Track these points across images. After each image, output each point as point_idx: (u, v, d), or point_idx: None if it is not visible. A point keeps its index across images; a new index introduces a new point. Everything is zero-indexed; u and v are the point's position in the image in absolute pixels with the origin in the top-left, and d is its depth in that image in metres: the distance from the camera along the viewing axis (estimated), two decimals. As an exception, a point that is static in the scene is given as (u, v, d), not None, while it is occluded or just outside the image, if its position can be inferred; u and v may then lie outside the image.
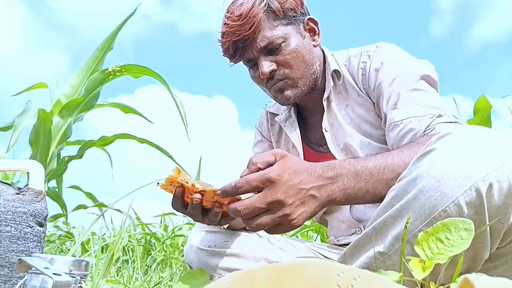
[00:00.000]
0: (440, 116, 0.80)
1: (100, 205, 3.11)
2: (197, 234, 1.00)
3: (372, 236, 0.65)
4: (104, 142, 2.96)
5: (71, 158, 2.90)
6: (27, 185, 0.86)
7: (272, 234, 0.66)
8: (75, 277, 0.58)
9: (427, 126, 0.79)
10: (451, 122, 0.79)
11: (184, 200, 0.70)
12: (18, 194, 0.82)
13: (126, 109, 2.93)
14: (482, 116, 1.92)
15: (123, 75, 2.71)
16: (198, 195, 0.67)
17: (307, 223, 3.00)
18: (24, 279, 0.57)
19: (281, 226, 0.64)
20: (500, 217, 0.56)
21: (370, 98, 0.95)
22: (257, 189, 0.62)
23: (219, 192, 0.64)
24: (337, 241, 1.07)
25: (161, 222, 3.60)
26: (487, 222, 0.56)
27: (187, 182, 0.67)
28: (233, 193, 0.62)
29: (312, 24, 0.99)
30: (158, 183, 0.69)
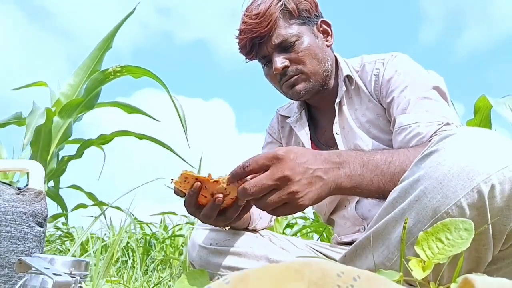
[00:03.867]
0: (448, 124, 0.81)
1: (100, 204, 3.11)
2: (200, 232, 1.00)
3: (375, 238, 0.64)
4: (103, 140, 2.95)
5: (70, 157, 2.90)
6: (27, 185, 0.86)
7: (279, 215, 0.66)
8: (75, 277, 0.58)
9: (435, 132, 0.80)
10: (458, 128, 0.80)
11: (198, 200, 0.69)
12: (18, 194, 0.82)
13: (129, 108, 2.90)
14: (482, 116, 1.92)
15: (124, 75, 2.70)
16: (220, 195, 0.66)
17: (307, 223, 3.00)
18: (24, 279, 0.57)
19: (288, 205, 0.63)
20: (502, 219, 0.56)
21: (381, 104, 0.97)
22: (264, 167, 0.63)
23: (229, 176, 0.65)
24: (340, 239, 1.08)
25: (161, 222, 3.61)
26: (490, 224, 0.56)
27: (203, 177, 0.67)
28: (241, 173, 0.63)
29: (325, 26, 1.03)
30: (172, 179, 0.68)
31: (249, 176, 0.64)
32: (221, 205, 0.68)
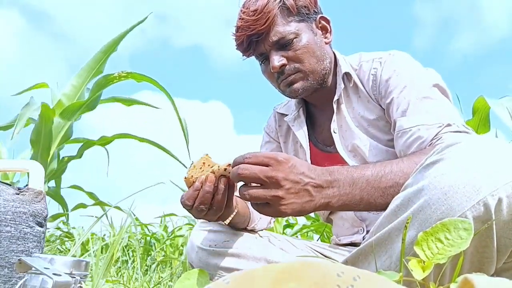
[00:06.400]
0: (449, 125, 0.79)
1: (100, 204, 3.11)
2: (199, 234, 1.00)
3: (377, 246, 0.64)
4: (103, 141, 2.95)
5: (70, 158, 2.90)
6: (27, 185, 0.86)
7: (259, 212, 0.68)
8: (75, 277, 0.58)
9: (435, 135, 0.78)
10: (460, 132, 0.78)
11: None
12: (18, 194, 0.82)
13: (128, 101, 2.91)
14: (481, 117, 1.92)
15: (127, 79, 2.71)
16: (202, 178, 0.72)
17: (307, 222, 3.00)
18: (24, 279, 0.57)
19: (270, 207, 0.66)
20: (508, 233, 0.55)
21: (379, 105, 0.95)
22: (262, 164, 0.65)
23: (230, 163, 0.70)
24: (339, 240, 1.07)
25: (161, 223, 3.61)
26: (495, 238, 0.55)
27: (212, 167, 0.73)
28: (240, 163, 0.66)
29: (324, 22, 1.01)
30: (192, 162, 0.74)
31: None
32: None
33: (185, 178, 0.74)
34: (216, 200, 0.73)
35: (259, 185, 0.66)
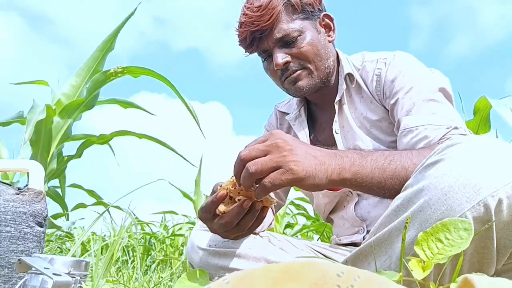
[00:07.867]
0: (456, 128, 0.79)
1: (101, 203, 3.11)
2: (199, 233, 1.00)
3: (377, 246, 0.64)
4: (102, 140, 2.95)
5: (70, 157, 2.90)
6: (27, 185, 0.86)
7: (273, 186, 0.63)
8: (75, 277, 0.58)
9: (443, 136, 0.77)
10: (466, 136, 0.78)
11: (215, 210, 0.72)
12: (18, 194, 0.82)
13: (125, 104, 2.90)
14: (482, 117, 1.92)
15: (124, 75, 2.70)
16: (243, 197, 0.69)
17: (307, 222, 3.00)
18: (24, 279, 0.57)
19: (280, 171, 0.62)
20: (508, 234, 0.55)
21: (383, 106, 0.95)
22: (263, 142, 0.65)
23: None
24: (339, 240, 1.07)
25: (161, 222, 3.61)
26: (495, 239, 0.55)
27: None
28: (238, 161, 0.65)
29: (327, 20, 1.00)
30: (221, 185, 0.72)
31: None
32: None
33: (220, 186, 0.72)
34: (242, 223, 0.71)
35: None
